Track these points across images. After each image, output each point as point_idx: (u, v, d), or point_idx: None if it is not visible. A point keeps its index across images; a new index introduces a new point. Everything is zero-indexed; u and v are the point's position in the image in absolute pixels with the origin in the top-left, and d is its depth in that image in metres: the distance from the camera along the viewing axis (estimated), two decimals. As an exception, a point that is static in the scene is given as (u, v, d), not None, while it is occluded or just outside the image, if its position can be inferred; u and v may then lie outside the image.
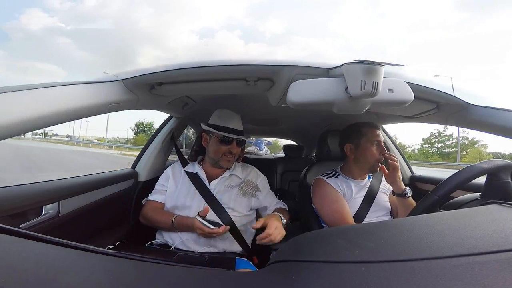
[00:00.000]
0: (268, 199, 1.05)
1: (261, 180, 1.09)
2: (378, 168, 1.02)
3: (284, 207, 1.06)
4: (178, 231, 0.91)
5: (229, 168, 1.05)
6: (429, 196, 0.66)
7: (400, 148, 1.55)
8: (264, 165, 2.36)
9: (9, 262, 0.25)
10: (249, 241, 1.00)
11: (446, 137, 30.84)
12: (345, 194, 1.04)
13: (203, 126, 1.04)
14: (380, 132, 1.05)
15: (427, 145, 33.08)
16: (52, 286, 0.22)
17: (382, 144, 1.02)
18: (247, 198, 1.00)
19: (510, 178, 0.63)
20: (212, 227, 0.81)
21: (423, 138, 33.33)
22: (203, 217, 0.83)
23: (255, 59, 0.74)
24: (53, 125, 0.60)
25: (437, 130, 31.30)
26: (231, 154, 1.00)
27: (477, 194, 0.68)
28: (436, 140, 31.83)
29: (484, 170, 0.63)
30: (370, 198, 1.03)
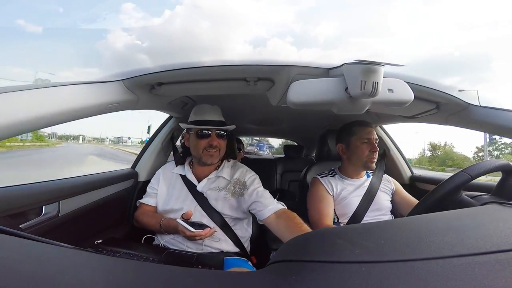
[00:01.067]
0: (260, 199, 0.90)
1: (250, 177, 0.98)
2: (373, 165, 1.03)
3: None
4: (167, 234, 0.90)
5: (217, 169, 1.00)
6: (460, 174, 0.64)
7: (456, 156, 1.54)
8: (264, 165, 2.36)
9: (9, 262, 0.25)
10: (245, 241, 0.99)
11: (504, 145, 30.23)
12: (339, 193, 1.04)
13: (182, 125, 1.00)
14: (373, 130, 1.05)
15: (482, 154, 32.40)
16: (49, 285, 0.22)
17: (374, 141, 1.02)
18: (235, 199, 0.95)
19: None
20: (193, 229, 0.77)
21: (477, 147, 32.65)
22: (187, 220, 0.81)
23: (255, 59, 0.74)
24: (53, 125, 0.60)
25: (494, 138, 30.54)
26: (212, 147, 0.94)
27: (487, 194, 0.68)
28: (492, 148, 31.24)
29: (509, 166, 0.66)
30: (369, 197, 1.03)
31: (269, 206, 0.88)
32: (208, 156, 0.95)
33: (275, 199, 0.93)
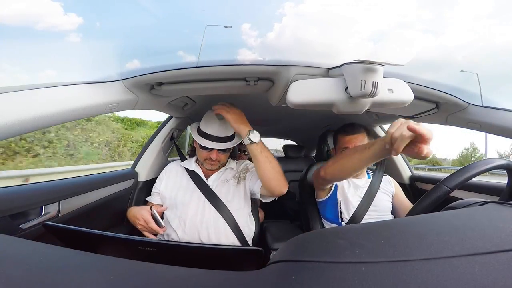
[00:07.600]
0: (258, 182, 0.95)
1: (253, 166, 1.01)
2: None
3: None
4: (131, 223, 0.95)
5: (224, 165, 1.07)
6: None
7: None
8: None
9: (9, 262, 0.25)
10: (249, 239, 1.00)
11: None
12: (341, 183, 1.07)
13: (192, 132, 1.02)
14: (353, 138, 1.03)
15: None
16: (50, 285, 0.22)
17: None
18: (242, 184, 1.02)
19: None
20: (159, 224, 0.88)
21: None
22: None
23: (255, 59, 0.74)
24: (53, 125, 0.60)
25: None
26: (212, 160, 0.98)
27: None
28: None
29: None
30: (369, 198, 1.03)
31: None
32: (208, 164, 1.01)
33: (275, 198, 0.95)
